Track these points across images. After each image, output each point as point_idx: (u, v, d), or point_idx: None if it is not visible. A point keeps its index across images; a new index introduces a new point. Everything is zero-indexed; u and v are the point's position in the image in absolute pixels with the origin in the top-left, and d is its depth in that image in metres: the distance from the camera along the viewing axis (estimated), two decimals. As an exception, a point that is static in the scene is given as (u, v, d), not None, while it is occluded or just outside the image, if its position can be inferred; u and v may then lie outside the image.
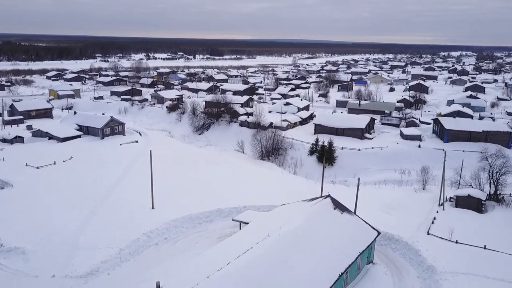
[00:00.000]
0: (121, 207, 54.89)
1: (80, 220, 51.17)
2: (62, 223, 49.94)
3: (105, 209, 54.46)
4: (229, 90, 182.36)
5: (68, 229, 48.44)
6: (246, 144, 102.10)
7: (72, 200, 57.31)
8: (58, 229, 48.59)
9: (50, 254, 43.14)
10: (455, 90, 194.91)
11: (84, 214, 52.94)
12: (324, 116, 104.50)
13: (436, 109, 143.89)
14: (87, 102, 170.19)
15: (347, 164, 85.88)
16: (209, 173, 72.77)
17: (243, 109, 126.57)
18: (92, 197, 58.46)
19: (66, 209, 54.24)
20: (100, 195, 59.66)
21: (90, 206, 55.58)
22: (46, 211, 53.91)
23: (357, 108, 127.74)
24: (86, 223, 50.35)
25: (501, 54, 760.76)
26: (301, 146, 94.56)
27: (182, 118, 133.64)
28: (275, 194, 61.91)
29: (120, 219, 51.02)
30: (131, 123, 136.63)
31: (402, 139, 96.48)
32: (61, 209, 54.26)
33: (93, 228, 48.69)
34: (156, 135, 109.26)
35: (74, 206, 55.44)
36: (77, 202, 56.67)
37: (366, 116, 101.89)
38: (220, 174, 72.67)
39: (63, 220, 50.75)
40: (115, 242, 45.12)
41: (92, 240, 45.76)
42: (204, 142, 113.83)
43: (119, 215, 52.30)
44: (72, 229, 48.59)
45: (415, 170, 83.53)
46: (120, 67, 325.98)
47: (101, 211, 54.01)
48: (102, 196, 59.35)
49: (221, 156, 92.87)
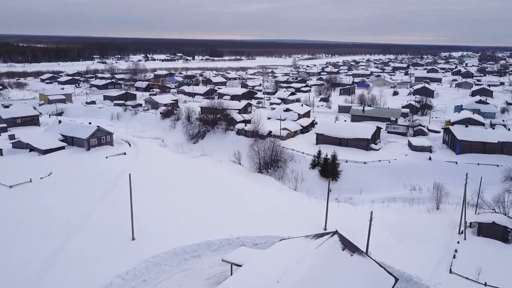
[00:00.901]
0: (97, 238, 47.93)
1: (48, 254, 44.28)
2: (26, 259, 43.05)
3: (78, 240, 47.51)
4: (227, 94, 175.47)
5: (31, 268, 41.55)
6: (243, 155, 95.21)
7: (42, 228, 50.42)
8: (21, 266, 41.74)
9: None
10: (461, 94, 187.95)
11: (54, 246, 46.03)
12: (326, 125, 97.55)
13: (443, 114, 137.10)
14: (79, 107, 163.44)
15: (352, 179, 78.97)
16: (200, 193, 65.68)
17: (240, 116, 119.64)
18: (67, 224, 51.57)
19: (33, 240, 47.36)
20: (76, 220, 52.77)
21: (62, 235, 48.67)
22: (9, 242, 47.05)
23: (360, 115, 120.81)
24: (54, 258, 43.44)
25: (502, 54, 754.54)
26: (302, 158, 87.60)
27: (177, 125, 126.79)
28: (273, 220, 55.02)
29: (94, 254, 44.08)
30: (123, 130, 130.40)
31: (410, 150, 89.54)
32: (27, 240, 47.37)
33: (61, 267, 41.77)
34: (146, 145, 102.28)
35: (44, 235, 48.63)
36: (48, 230, 49.80)
37: (371, 125, 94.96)
38: (212, 194, 65.59)
39: (28, 255, 43.86)
40: (84, 287, 38.23)
41: (57, 284, 38.86)
42: (199, 151, 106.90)
43: (93, 248, 45.35)
44: (36, 267, 41.68)
45: (426, 185, 76.74)
46: (116, 69, 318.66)
47: (74, 242, 47.05)
48: (78, 221, 52.44)
49: (216, 169, 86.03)
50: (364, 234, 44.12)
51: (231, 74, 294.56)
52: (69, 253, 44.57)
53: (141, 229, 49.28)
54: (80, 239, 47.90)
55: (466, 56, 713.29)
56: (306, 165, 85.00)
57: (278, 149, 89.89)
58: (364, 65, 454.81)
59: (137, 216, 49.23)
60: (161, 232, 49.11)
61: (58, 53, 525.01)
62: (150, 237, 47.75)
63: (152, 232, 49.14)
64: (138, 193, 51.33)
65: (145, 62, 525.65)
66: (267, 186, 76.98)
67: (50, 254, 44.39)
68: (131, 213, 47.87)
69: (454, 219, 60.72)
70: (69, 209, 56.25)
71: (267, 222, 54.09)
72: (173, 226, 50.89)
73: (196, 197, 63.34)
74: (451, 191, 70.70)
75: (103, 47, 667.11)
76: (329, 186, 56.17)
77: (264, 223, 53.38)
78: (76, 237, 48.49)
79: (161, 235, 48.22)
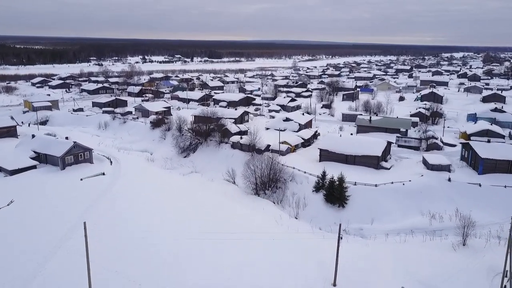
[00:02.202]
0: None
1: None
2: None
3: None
4: (223, 101, 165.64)
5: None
6: (238, 171, 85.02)
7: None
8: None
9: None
10: (471, 99, 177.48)
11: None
12: (331, 139, 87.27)
13: (455, 123, 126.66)
14: (65, 115, 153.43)
15: (362, 205, 68.75)
16: (183, 232, 55.49)
17: (236, 127, 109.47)
18: (12, 277, 41.51)
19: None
20: (27, 272, 42.74)
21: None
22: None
23: (367, 125, 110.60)
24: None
25: (505, 55, 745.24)
26: (305, 179, 77.39)
27: (167, 136, 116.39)
28: (269, 271, 44.90)
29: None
30: (109, 141, 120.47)
31: (426, 169, 79.35)
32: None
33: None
34: (131, 161, 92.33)
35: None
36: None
37: (382, 140, 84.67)
38: (198, 231, 55.36)
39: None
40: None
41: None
42: (189, 167, 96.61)
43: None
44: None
45: (447, 212, 66.79)
46: (110, 72, 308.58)
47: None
48: (28, 273, 42.41)
49: (206, 192, 76.12)
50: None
51: (229, 78, 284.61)
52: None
53: (103, 285, 39.27)
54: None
55: (469, 57, 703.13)
56: (309, 187, 74.75)
57: (277, 167, 79.75)
58: (365, 67, 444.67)
59: (100, 267, 39.22)
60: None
61: (54, 55, 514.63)
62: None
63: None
64: (109, 227, 41.30)
65: (143, 64, 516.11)
66: (265, 215, 66.94)
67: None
68: (87, 266, 37.78)
69: (488, 262, 50.73)
70: (20, 256, 46.15)
71: (263, 273, 43.94)
72: (143, 283, 40.80)
73: (176, 246, 51.94)
74: (477, 220, 60.80)
75: (100, 49, 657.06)
76: (340, 234, 45.67)
77: (259, 275, 43.24)
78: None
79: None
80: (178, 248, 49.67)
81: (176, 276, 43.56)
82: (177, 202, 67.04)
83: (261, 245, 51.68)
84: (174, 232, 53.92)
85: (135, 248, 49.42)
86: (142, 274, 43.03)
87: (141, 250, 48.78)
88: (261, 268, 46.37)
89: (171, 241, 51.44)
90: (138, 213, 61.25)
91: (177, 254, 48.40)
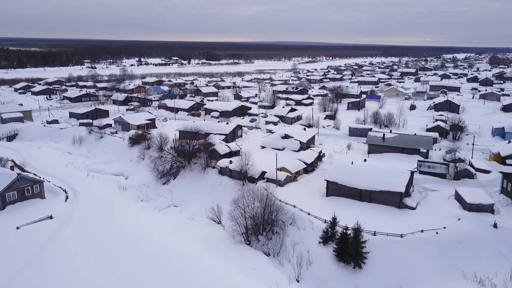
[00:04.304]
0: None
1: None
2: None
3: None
4: (215, 110, 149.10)
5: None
6: (225, 207, 68.48)
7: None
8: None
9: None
10: (490, 108, 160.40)
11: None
12: (340, 168, 70.23)
13: (479, 139, 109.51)
14: (38, 127, 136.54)
15: (385, 265, 51.99)
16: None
17: (226, 146, 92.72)
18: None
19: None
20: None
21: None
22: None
23: (380, 145, 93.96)
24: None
25: (506, 55, 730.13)
26: (308, 223, 60.61)
27: (147, 156, 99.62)
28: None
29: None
30: (80, 162, 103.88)
31: (462, 209, 62.69)
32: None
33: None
34: (95, 193, 75.67)
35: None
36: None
37: (404, 171, 67.61)
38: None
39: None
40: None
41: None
42: (167, 199, 79.92)
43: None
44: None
45: (497, 275, 50.27)
46: (99, 76, 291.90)
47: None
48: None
49: (184, 235, 59.85)
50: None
51: (225, 83, 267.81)
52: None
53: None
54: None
55: (472, 58, 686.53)
56: (315, 236, 57.91)
57: (273, 206, 63.11)
58: (368, 69, 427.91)
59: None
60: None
61: (46, 58, 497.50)
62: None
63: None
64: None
65: (138, 67, 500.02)
66: (257, 279, 50.27)
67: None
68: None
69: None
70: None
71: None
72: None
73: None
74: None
75: (94, 51, 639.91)
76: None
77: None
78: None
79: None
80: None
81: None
82: (139, 260, 50.40)
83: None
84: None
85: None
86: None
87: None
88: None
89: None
90: (85, 277, 44.68)
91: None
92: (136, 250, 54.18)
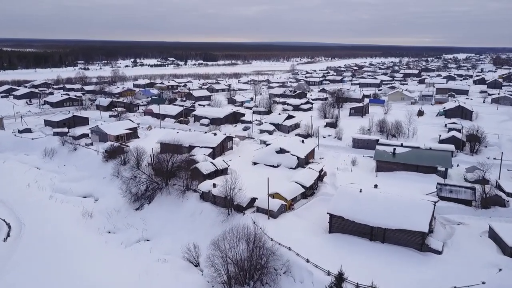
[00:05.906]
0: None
1: None
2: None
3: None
4: (205, 117, 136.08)
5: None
6: (204, 245, 55.53)
7: None
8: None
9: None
10: (506, 114, 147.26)
11: None
12: (347, 198, 57.00)
13: (498, 151, 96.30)
14: (8, 137, 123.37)
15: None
16: None
17: (210, 164, 79.55)
18: None
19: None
20: None
21: None
22: None
23: (390, 162, 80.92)
24: None
25: (508, 56, 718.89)
26: (307, 274, 47.54)
27: (122, 173, 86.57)
28: None
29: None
30: (47, 179, 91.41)
31: (501, 253, 49.73)
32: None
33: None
34: (49, 225, 62.64)
35: None
36: None
37: (427, 202, 54.35)
38: None
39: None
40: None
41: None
42: (138, 230, 66.96)
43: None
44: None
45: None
46: (87, 79, 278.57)
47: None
48: None
49: (153, 286, 46.67)
50: None
51: (219, 85, 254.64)
52: None
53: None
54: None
55: (473, 58, 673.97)
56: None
57: (263, 248, 50.12)
58: (368, 70, 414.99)
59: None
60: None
61: (37, 59, 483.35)
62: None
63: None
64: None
65: (132, 68, 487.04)
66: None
67: None
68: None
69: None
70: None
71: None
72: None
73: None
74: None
75: (89, 52, 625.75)
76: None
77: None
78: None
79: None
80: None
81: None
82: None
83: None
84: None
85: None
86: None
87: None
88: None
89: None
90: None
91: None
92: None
